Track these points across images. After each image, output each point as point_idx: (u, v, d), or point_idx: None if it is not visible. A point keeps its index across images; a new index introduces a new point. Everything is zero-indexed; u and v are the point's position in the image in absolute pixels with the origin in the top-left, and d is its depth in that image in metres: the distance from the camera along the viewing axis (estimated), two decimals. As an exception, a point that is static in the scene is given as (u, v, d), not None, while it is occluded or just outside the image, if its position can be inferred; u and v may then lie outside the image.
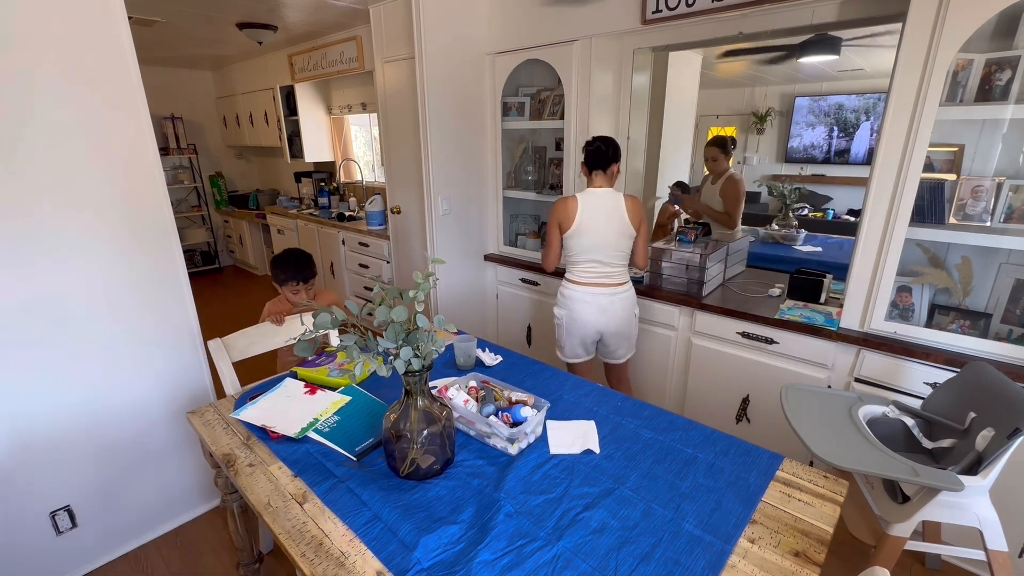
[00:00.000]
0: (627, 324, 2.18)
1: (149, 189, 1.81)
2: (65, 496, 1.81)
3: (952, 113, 1.65)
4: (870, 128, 3.66)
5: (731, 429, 2.31)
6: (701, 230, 2.50)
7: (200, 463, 2.13)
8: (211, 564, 1.94)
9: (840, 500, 1.16)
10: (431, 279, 1.18)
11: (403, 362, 1.13)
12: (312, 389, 1.61)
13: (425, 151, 2.76)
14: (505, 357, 1.89)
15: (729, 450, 1.33)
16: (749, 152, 4.09)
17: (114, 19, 1.64)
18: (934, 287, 1.88)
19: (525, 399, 1.45)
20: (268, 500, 1.18)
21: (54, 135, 1.59)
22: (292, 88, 4.68)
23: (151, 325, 1.89)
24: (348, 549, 1.04)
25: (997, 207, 1.65)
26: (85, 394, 1.79)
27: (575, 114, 2.60)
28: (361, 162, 5.07)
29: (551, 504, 1.15)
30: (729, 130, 4.07)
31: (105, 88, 1.66)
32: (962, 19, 1.51)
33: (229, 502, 1.55)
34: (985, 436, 1.34)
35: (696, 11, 2.12)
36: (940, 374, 1.73)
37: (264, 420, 1.45)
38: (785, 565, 0.99)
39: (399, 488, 1.20)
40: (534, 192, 2.99)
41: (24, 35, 1.50)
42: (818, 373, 2.02)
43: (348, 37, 3.84)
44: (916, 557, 1.92)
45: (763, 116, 3.93)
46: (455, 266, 3.05)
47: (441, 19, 2.62)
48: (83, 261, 1.71)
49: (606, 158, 2.07)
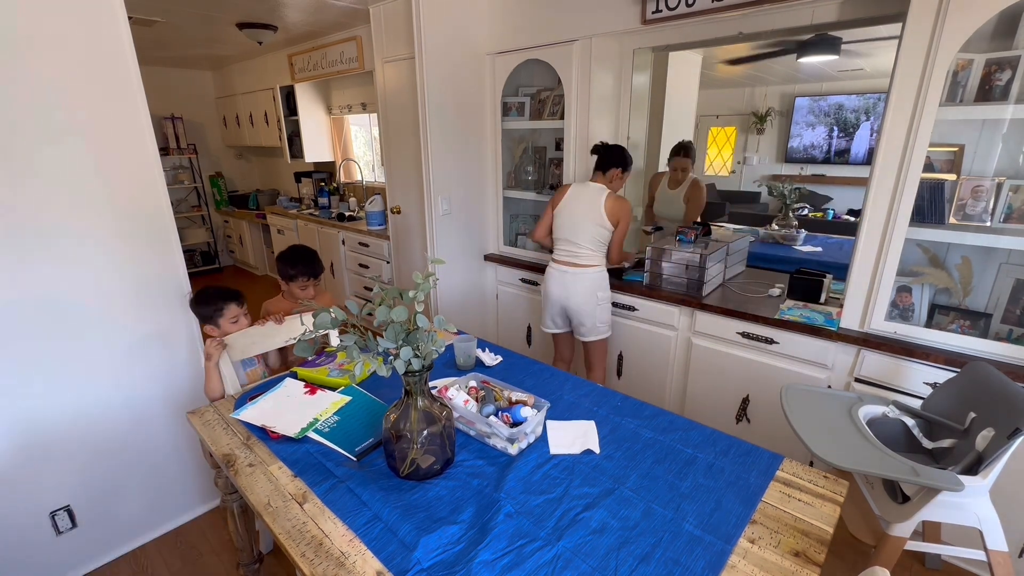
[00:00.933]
0: (587, 302, 2.35)
1: (149, 189, 1.81)
2: (65, 496, 1.81)
3: (952, 113, 1.65)
4: (870, 128, 3.66)
5: (731, 429, 2.31)
6: (701, 230, 2.50)
7: (200, 463, 2.13)
8: (211, 564, 1.94)
9: (840, 500, 1.16)
10: (431, 279, 1.18)
11: (403, 362, 1.13)
12: (312, 389, 1.61)
13: (425, 151, 2.76)
14: (505, 357, 1.89)
15: (729, 450, 1.33)
16: (749, 152, 4.09)
17: (114, 19, 1.64)
18: (934, 287, 1.88)
19: (525, 399, 1.45)
20: (268, 500, 1.18)
21: (54, 135, 1.59)
22: (292, 88, 4.68)
23: (151, 325, 1.89)
24: (348, 549, 1.04)
25: (997, 207, 1.65)
26: (85, 394, 1.79)
27: (575, 114, 2.60)
28: (361, 162, 5.07)
29: (551, 504, 1.15)
30: (729, 130, 4.07)
31: (105, 88, 1.66)
32: (962, 19, 1.51)
33: (229, 502, 1.55)
34: (985, 436, 1.34)
35: (696, 11, 2.12)
36: (940, 374, 1.73)
37: (264, 420, 1.45)
38: (785, 565, 0.99)
39: (399, 488, 1.20)
40: (534, 192, 2.99)
41: (24, 35, 1.49)
42: (818, 373, 2.02)
43: (348, 37, 3.84)
44: (916, 557, 1.92)
45: (763, 116, 3.93)
46: (455, 266, 3.05)
47: (441, 19, 2.63)
48: (83, 261, 1.71)
49: (604, 162, 2.33)
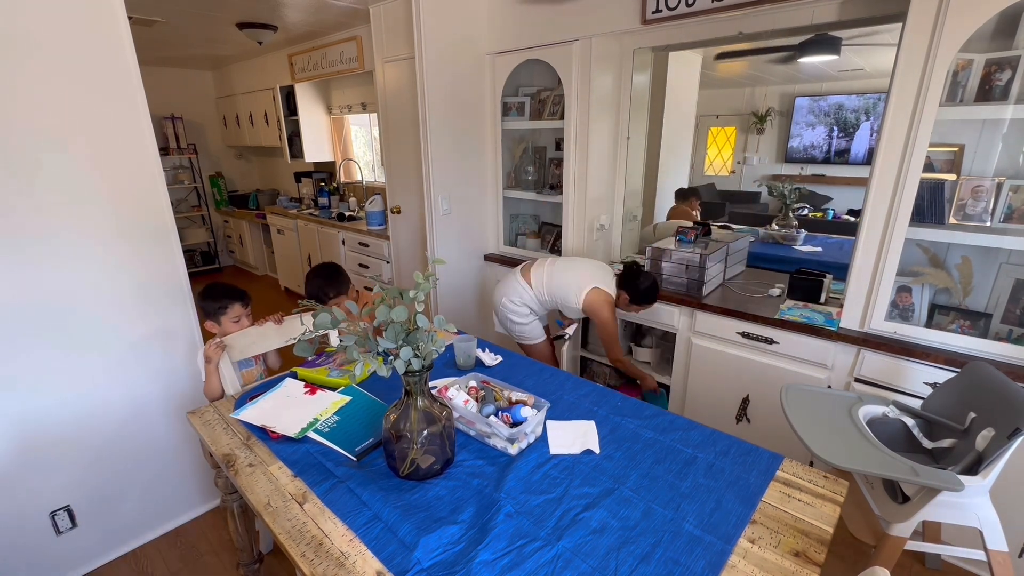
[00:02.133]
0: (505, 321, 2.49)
1: (149, 189, 1.81)
2: (65, 496, 1.81)
3: (952, 113, 1.65)
4: (870, 128, 3.65)
5: (731, 429, 2.31)
6: (701, 230, 2.50)
7: (200, 463, 2.13)
8: (211, 564, 1.94)
9: (840, 500, 1.16)
10: (431, 279, 1.18)
11: (403, 362, 1.13)
12: (312, 389, 1.61)
13: (425, 151, 2.76)
14: (505, 357, 1.89)
15: (729, 450, 1.33)
16: (749, 152, 4.08)
17: (114, 19, 1.64)
18: (934, 287, 1.88)
19: (525, 399, 1.45)
20: (268, 500, 1.18)
21: (54, 135, 1.59)
22: (292, 88, 4.68)
23: (151, 325, 1.89)
24: (348, 549, 1.04)
25: (997, 207, 1.65)
26: (85, 394, 1.79)
27: (575, 114, 2.59)
28: (361, 162, 5.07)
29: (551, 504, 1.15)
30: (729, 130, 4.06)
31: (105, 88, 1.66)
32: (962, 19, 1.51)
33: (229, 502, 1.55)
34: (985, 436, 1.34)
35: (696, 11, 2.12)
36: (940, 374, 1.73)
37: (264, 420, 1.45)
38: (785, 565, 0.99)
39: (399, 488, 1.20)
40: (534, 192, 2.99)
41: (24, 35, 1.50)
42: (818, 373, 2.02)
43: (348, 37, 3.84)
44: (916, 557, 1.92)
45: (763, 116, 3.93)
46: (455, 266, 3.05)
47: (441, 19, 2.62)
48: (83, 261, 1.71)
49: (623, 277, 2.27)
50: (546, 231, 3.13)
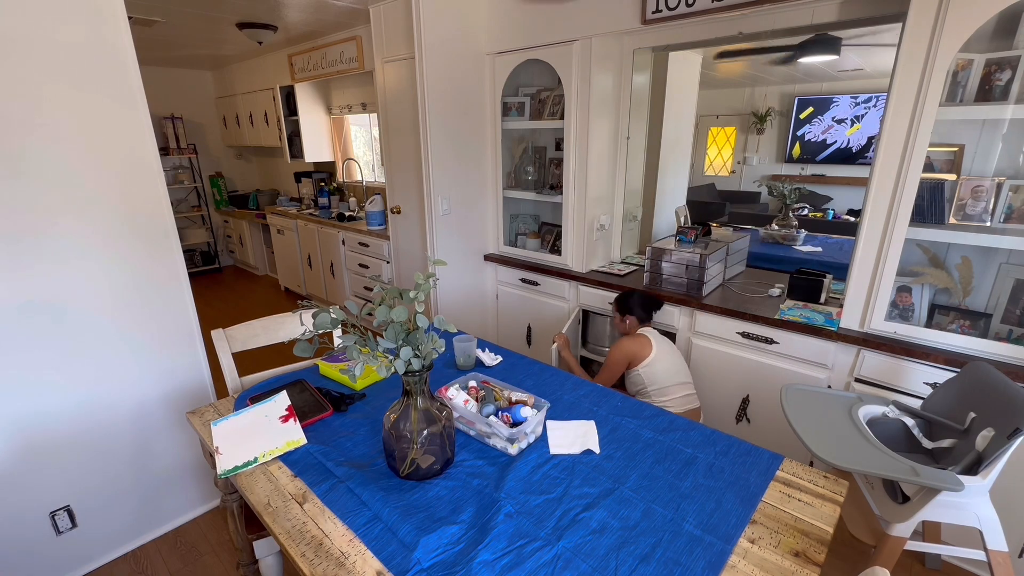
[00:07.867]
0: None
1: (149, 189, 1.81)
2: (65, 496, 1.81)
3: (952, 113, 1.65)
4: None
5: (731, 429, 2.31)
6: (701, 230, 2.50)
7: (200, 463, 2.13)
8: (211, 564, 1.94)
9: (840, 500, 1.16)
10: (431, 279, 1.18)
11: (403, 362, 1.13)
12: (289, 415, 1.46)
13: (425, 151, 2.76)
14: (505, 357, 1.89)
15: (729, 450, 1.33)
16: (749, 152, 4.08)
17: (114, 19, 1.65)
18: (934, 287, 1.89)
19: (525, 399, 1.45)
20: (268, 500, 1.18)
21: (54, 135, 1.59)
22: (292, 88, 4.68)
23: (151, 325, 1.89)
24: (348, 549, 1.04)
25: (997, 207, 1.65)
26: (85, 394, 1.79)
27: (575, 114, 2.59)
28: (361, 162, 5.07)
29: (551, 504, 1.15)
30: (729, 130, 4.06)
31: (105, 88, 1.66)
32: (962, 19, 1.51)
33: (229, 502, 1.55)
34: (985, 436, 1.34)
35: (696, 11, 2.12)
36: (940, 374, 1.73)
37: (221, 441, 1.36)
38: (785, 565, 0.99)
39: (399, 488, 1.20)
40: (534, 192, 2.99)
41: (24, 36, 1.50)
42: (818, 373, 2.02)
43: (348, 37, 3.84)
44: (916, 557, 1.92)
45: (763, 116, 3.93)
46: (455, 266, 3.05)
47: (441, 19, 2.63)
48: (83, 261, 1.71)
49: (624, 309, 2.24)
50: (546, 231, 3.14)
